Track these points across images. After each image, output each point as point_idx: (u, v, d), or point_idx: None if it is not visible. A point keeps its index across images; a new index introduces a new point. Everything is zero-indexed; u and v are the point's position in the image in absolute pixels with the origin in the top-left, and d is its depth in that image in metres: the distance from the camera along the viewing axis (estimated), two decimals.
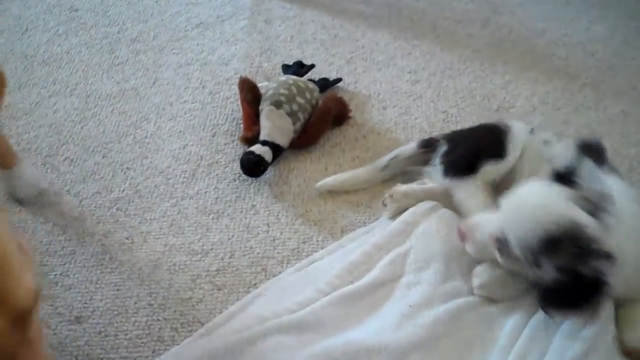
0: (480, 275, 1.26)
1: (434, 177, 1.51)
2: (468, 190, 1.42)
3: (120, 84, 1.95)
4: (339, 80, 1.89)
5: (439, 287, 1.24)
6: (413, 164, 1.62)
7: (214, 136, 1.76)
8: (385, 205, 1.49)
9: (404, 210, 1.48)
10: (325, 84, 1.87)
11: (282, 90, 1.68)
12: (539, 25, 2.23)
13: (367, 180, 1.62)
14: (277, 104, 1.65)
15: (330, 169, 1.66)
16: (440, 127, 1.78)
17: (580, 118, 1.84)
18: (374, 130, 1.77)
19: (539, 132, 1.50)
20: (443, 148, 1.52)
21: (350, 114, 1.79)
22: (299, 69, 1.91)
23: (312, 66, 1.93)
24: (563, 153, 1.39)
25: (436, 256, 1.30)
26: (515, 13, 2.29)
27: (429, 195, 1.48)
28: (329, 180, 1.58)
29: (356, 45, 2.09)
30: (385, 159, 1.62)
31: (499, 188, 1.42)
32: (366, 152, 1.71)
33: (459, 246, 1.31)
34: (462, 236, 1.27)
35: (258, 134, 1.65)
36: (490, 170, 1.42)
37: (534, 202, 1.16)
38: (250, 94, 1.72)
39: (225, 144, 1.74)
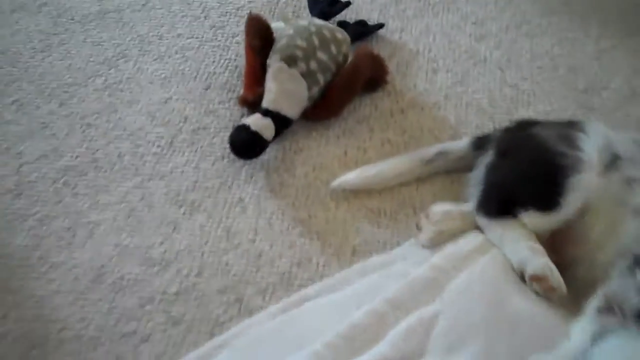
0: None
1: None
2: (504, 236, 1.05)
3: (101, 3, 1.52)
4: (380, 26, 1.44)
5: None
6: (464, 165, 1.21)
7: (207, 89, 1.35)
8: (419, 228, 1.08)
9: (445, 236, 1.08)
10: (360, 31, 1.42)
11: (299, 41, 1.25)
12: None
13: (403, 175, 1.23)
14: (290, 60, 1.22)
15: (351, 155, 1.25)
16: (507, 107, 1.35)
17: None
18: (416, 103, 1.34)
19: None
20: (488, 157, 1.13)
21: (388, 78, 1.34)
22: (330, 6, 1.46)
23: (348, 3, 1.48)
24: None
25: (477, 330, 0.90)
26: None
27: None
28: (351, 178, 1.18)
29: None
30: (430, 151, 1.22)
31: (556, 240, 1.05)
32: (401, 135, 1.29)
33: (511, 315, 0.91)
34: None
35: (262, 96, 1.23)
36: (532, 222, 1.04)
37: None
38: (259, 39, 1.29)
39: (219, 103, 1.33)
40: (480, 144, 1.19)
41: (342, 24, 1.42)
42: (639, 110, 1.37)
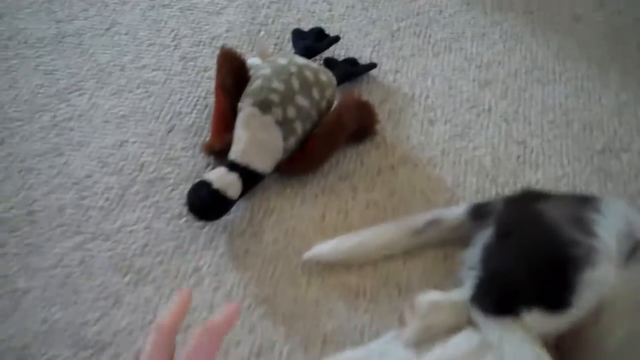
0: None
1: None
2: (504, 338, 0.88)
3: (59, 25, 1.36)
4: (372, 66, 1.27)
5: None
6: (459, 237, 1.05)
7: (169, 132, 1.19)
8: (403, 322, 0.91)
9: (433, 332, 0.93)
10: (350, 71, 1.26)
11: (275, 84, 1.08)
12: None
13: (389, 247, 1.06)
14: (264, 105, 1.06)
15: (330, 218, 1.08)
16: (512, 169, 1.18)
17: None
18: (408, 158, 1.17)
19: None
20: (486, 237, 0.96)
21: (377, 128, 1.18)
22: (317, 41, 1.29)
23: (337, 38, 1.31)
24: None
25: None
26: None
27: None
28: (327, 249, 1.02)
29: (409, 8, 1.45)
30: (421, 219, 1.06)
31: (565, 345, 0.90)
32: (389, 197, 1.12)
33: None
34: None
35: (230, 144, 1.06)
36: (537, 322, 0.87)
37: None
38: (232, 78, 1.13)
39: (182, 149, 1.16)
40: (479, 213, 1.03)
41: (329, 62, 1.25)
42: None
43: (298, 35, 1.32)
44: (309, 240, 1.05)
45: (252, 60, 1.20)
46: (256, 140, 1.06)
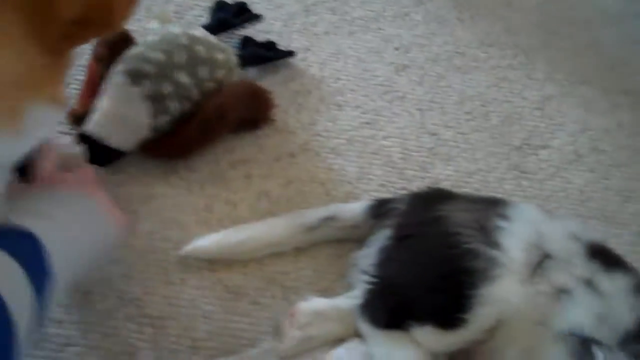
0: None
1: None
2: (390, 353, 0.82)
3: None
4: (289, 53, 1.18)
5: None
6: (357, 236, 0.97)
7: None
8: (281, 332, 0.83)
9: (314, 343, 0.83)
10: (260, 55, 1.15)
11: (154, 53, 0.97)
12: (615, 9, 1.46)
13: (278, 244, 0.98)
14: (134, 76, 0.95)
15: (217, 210, 0.99)
16: (421, 162, 1.10)
17: None
18: (310, 146, 1.08)
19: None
20: (383, 238, 0.90)
21: (277, 114, 1.08)
22: (235, 16, 1.19)
23: (256, 17, 1.20)
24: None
25: None
26: None
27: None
28: (207, 244, 0.93)
29: None
30: (315, 215, 0.98)
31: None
32: (285, 187, 1.03)
33: None
34: None
35: None
36: (428, 339, 0.82)
37: None
38: (107, 46, 1.01)
39: None
40: (380, 211, 0.95)
41: (246, 42, 1.16)
42: (581, 178, 1.14)
43: (219, 7, 1.21)
44: (189, 233, 0.96)
45: (151, 25, 1.09)
46: (117, 113, 0.96)
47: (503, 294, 0.78)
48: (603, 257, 0.85)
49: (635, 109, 1.27)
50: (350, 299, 0.87)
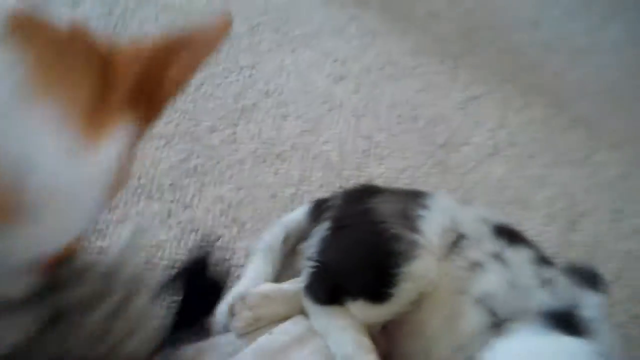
0: None
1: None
2: (328, 326, 0.97)
3: None
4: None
5: None
6: (305, 234, 1.11)
7: None
8: (232, 314, 0.98)
9: (264, 322, 0.99)
10: None
11: None
12: (532, 14, 1.65)
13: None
14: None
15: (176, 219, 1.13)
16: (357, 163, 1.27)
17: (559, 177, 1.35)
18: (257, 153, 1.24)
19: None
20: (322, 231, 1.03)
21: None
22: None
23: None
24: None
25: None
26: None
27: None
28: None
29: (269, 3, 1.50)
30: (274, 240, 1.12)
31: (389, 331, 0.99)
32: (237, 192, 1.18)
33: None
34: None
35: None
36: (361, 313, 0.96)
37: None
38: None
39: None
40: (318, 212, 1.10)
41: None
42: (500, 170, 1.31)
43: None
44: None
45: None
46: None
47: (422, 271, 0.94)
48: (508, 235, 1.01)
49: (547, 106, 1.45)
50: (295, 284, 1.03)
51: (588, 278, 0.99)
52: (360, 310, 0.95)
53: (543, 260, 0.98)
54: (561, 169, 1.34)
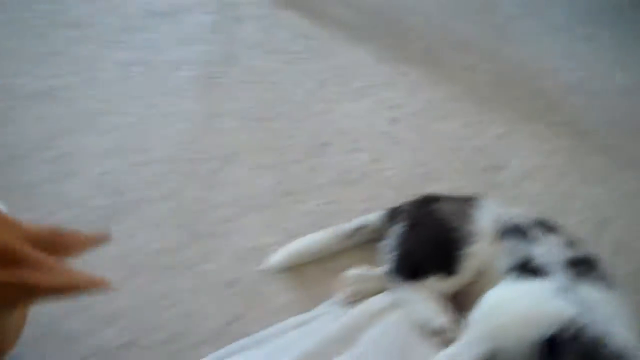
0: None
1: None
2: (412, 297, 1.26)
3: (45, 81, 1.72)
4: None
5: None
6: (379, 236, 1.42)
7: (145, 164, 1.54)
8: (337, 289, 1.30)
9: (360, 296, 1.30)
10: None
11: None
12: (553, 64, 2.01)
13: (326, 249, 1.42)
14: None
15: (280, 225, 1.44)
16: (417, 185, 1.58)
17: (587, 192, 1.65)
18: (336, 179, 1.55)
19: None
20: (400, 228, 1.34)
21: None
22: None
23: None
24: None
25: None
26: (526, 45, 2.07)
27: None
28: (280, 256, 1.37)
29: (332, 63, 1.88)
30: (350, 227, 1.43)
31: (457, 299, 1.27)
32: (325, 206, 1.49)
33: None
34: None
35: None
36: (435, 285, 1.26)
37: (521, 307, 1.06)
38: None
39: (157, 174, 1.51)
40: (393, 216, 1.41)
41: None
42: (533, 189, 1.61)
43: None
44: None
45: None
46: None
47: (479, 252, 1.24)
48: (544, 226, 1.32)
49: (571, 137, 1.77)
50: (381, 269, 1.33)
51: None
52: (435, 284, 1.25)
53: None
54: (588, 185, 1.64)
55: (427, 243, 1.31)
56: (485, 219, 1.29)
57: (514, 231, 1.25)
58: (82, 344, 1.21)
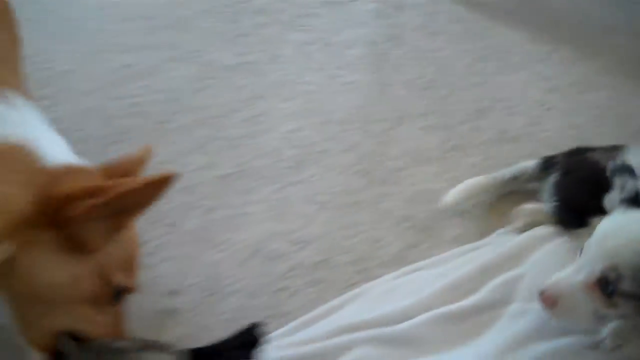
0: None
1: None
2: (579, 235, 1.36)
3: (239, 57, 2.01)
4: None
5: (549, 321, 1.21)
6: (535, 182, 1.59)
7: (326, 123, 1.79)
8: (513, 219, 1.49)
9: (530, 226, 1.48)
10: None
11: None
12: None
13: (488, 190, 1.61)
14: None
15: (448, 174, 1.65)
16: (570, 144, 1.73)
17: None
18: (496, 137, 1.75)
19: None
20: (555, 177, 1.49)
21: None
22: None
23: None
24: None
25: None
26: None
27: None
28: (453, 194, 1.56)
29: (489, 42, 2.08)
30: (508, 173, 1.60)
31: None
32: (486, 161, 1.69)
33: None
34: (551, 302, 1.18)
35: None
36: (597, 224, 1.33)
37: (633, 230, 1.12)
38: None
39: (337, 132, 1.76)
40: (547, 165, 1.57)
41: None
42: None
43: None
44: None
45: None
46: None
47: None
48: None
49: None
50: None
51: None
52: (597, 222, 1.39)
53: None
54: None
55: (585, 186, 1.45)
56: (634, 162, 1.43)
57: (624, 169, 1.32)
58: (285, 262, 1.45)
